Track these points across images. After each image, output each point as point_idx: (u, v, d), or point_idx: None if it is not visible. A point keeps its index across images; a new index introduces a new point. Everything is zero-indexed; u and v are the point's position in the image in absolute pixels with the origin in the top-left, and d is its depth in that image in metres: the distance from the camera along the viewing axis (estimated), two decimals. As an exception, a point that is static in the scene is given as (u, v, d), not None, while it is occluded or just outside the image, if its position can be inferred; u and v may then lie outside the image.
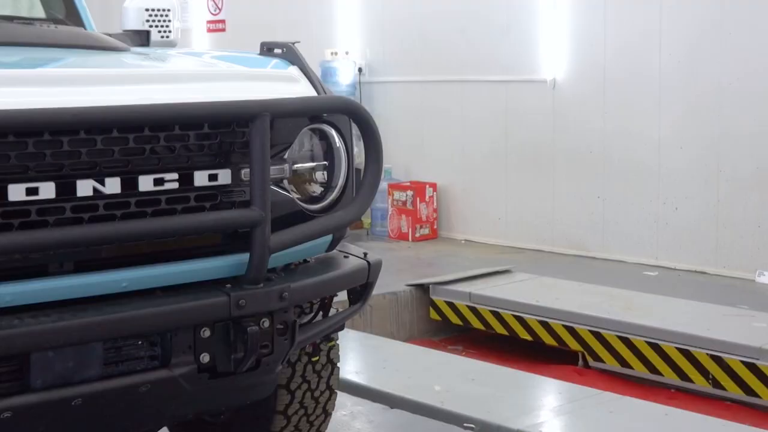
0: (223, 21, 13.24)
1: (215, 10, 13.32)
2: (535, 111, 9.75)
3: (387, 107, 10.73)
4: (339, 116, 3.19)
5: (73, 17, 4.41)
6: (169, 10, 4.39)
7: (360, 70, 11.20)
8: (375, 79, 11.18)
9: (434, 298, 7.99)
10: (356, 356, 6.00)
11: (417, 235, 10.42)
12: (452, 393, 5.27)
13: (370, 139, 3.13)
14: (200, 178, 2.89)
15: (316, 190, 3.22)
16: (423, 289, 8.10)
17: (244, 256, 2.93)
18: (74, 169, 2.67)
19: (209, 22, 13.40)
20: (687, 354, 6.54)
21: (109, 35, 3.96)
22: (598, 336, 7.01)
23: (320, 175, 3.22)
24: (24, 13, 4.59)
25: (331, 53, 11.14)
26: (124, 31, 4.32)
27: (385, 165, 2.90)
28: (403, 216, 10.45)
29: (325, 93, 3.27)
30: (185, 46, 11.17)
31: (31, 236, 2.58)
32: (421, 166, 10.60)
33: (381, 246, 9.95)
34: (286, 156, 3.07)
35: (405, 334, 7.89)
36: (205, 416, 3.69)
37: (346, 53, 11.19)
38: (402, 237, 10.49)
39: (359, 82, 11.16)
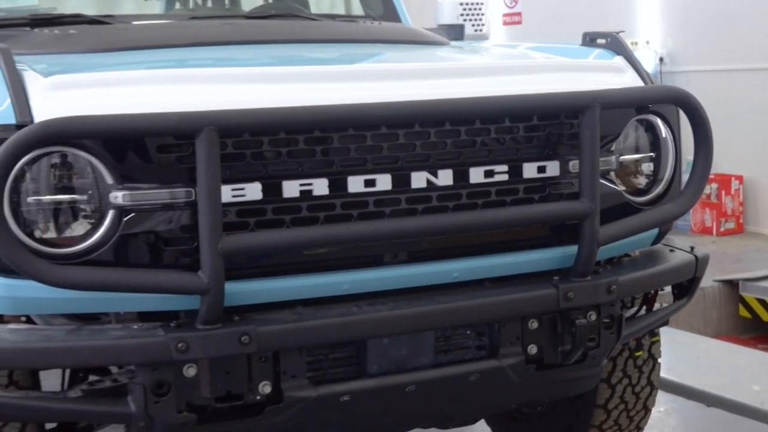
0: (519, 14, 13.28)
1: (511, 3, 13.38)
2: None
3: (690, 97, 10.40)
4: (666, 106, 3.11)
5: (390, 13, 4.52)
6: (482, 4, 4.42)
7: (661, 60, 10.95)
8: (676, 68, 10.89)
9: (744, 294, 7.71)
10: (667, 352, 5.80)
11: (721, 229, 10.08)
12: (772, 394, 5.06)
13: (700, 130, 3.03)
14: (529, 170, 2.88)
15: (642, 182, 3.16)
16: (732, 285, 7.83)
17: (571, 249, 2.90)
18: (409, 162, 2.73)
19: (505, 15, 13.47)
20: None
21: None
22: None
23: (646, 167, 3.15)
24: (342, 12, 4.76)
25: (631, 43, 10.93)
26: (439, 25, 4.39)
27: (688, 157, 2.85)
28: (707, 209, 10.13)
29: (652, 83, 3.20)
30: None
31: (370, 226, 2.67)
32: (726, 158, 10.21)
33: (683, 240, 9.66)
34: (613, 148, 3.03)
35: (712, 331, 7.65)
36: (522, 407, 3.71)
37: (647, 43, 10.97)
38: (705, 231, 10.17)
39: (660, 73, 10.90)
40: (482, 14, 4.42)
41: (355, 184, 2.67)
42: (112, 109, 2.43)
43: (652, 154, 3.14)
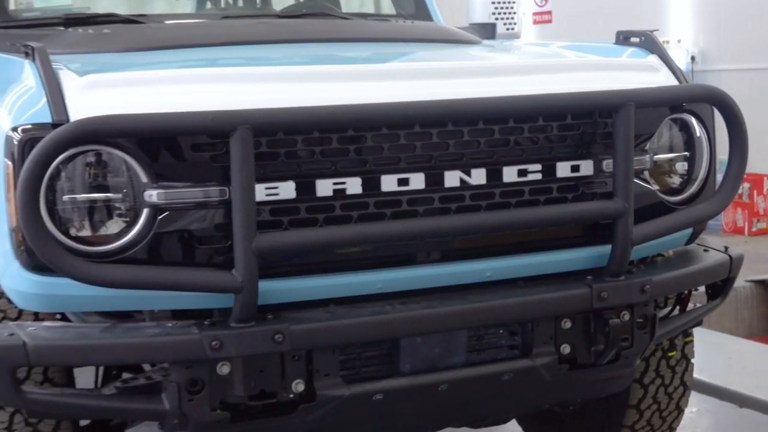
0: (549, 12, 13.23)
1: (541, 2, 13.34)
2: None
3: (722, 96, 10.31)
4: (700, 105, 3.09)
5: (422, 12, 4.52)
6: (514, 2, 4.40)
7: (693, 58, 10.87)
8: (709, 67, 10.82)
9: (776, 295, 7.66)
10: (699, 353, 5.78)
11: (753, 229, 10.01)
12: (805, 395, 5.01)
13: (735, 129, 3.00)
14: (562, 169, 2.87)
15: (676, 181, 3.14)
16: (764, 285, 7.78)
17: (604, 248, 2.89)
18: (442, 161, 2.72)
19: (535, 14, 13.44)
20: None
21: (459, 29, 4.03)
22: None
23: (680, 167, 3.13)
24: (373, 11, 4.76)
25: (663, 42, 10.86)
26: (470, 24, 4.38)
27: (721, 156, 2.86)
28: (739, 209, 10.06)
29: (686, 82, 3.17)
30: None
31: (403, 225, 2.67)
32: (758, 157, 10.06)
33: (714, 240, 9.60)
34: (647, 147, 3.01)
35: (744, 331, 7.59)
36: (555, 407, 3.69)
37: (678, 41, 10.92)
38: (737, 231, 10.10)
39: (692, 72, 10.83)
40: (514, 13, 4.40)
41: (389, 183, 2.67)
42: (147, 108, 2.44)
43: (686, 153, 3.12)
